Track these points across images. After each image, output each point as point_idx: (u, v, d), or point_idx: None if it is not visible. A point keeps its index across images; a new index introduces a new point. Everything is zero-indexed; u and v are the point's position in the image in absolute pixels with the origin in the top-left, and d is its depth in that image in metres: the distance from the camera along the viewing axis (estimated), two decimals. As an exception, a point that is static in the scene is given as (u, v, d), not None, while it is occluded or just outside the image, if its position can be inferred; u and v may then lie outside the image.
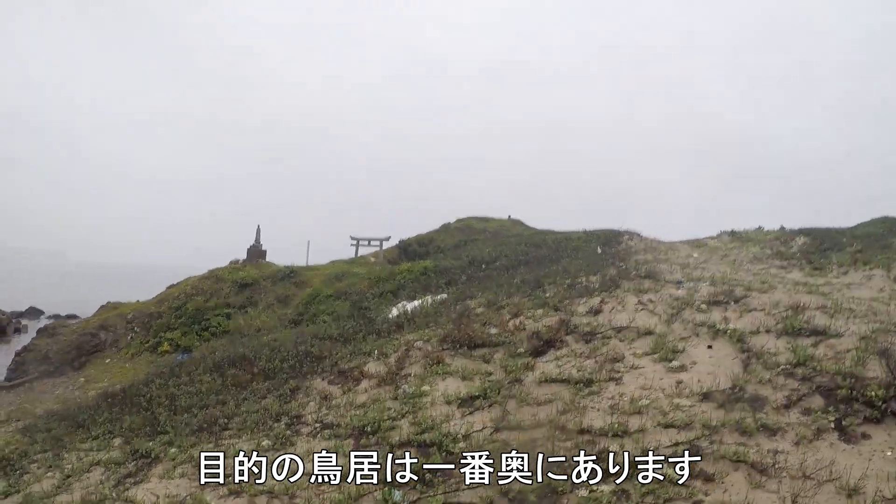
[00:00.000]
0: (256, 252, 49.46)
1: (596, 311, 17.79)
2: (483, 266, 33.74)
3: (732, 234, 37.07)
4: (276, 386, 18.21)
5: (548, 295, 20.99)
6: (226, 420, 15.70)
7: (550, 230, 47.36)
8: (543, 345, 15.50)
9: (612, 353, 14.42)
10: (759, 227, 37.45)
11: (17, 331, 60.95)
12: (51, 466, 15.46)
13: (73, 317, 63.01)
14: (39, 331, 45.60)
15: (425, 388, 14.41)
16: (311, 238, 52.25)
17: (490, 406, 12.69)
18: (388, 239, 51.24)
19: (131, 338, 39.59)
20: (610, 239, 34.85)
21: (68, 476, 14.38)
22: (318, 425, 13.97)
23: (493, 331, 17.47)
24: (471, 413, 12.55)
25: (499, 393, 13.16)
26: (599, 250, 31.39)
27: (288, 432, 13.82)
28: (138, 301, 45.65)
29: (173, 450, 14.35)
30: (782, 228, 35.17)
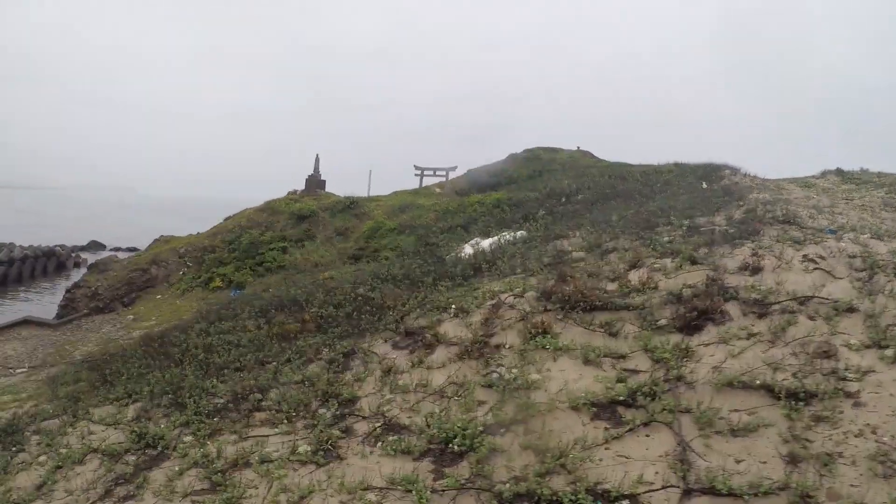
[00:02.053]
0: (315, 182, 45.93)
1: (753, 269, 13.17)
2: (563, 199, 29.70)
3: (839, 173, 32.75)
4: (328, 343, 14.74)
5: (666, 239, 16.69)
6: (259, 395, 12.23)
7: (624, 162, 43.02)
8: (697, 316, 11.16)
9: (814, 340, 9.91)
10: (863, 168, 33.54)
11: (78, 265, 59.17)
12: (49, 445, 12.25)
13: (134, 250, 60.88)
14: (90, 266, 43.02)
15: (533, 374, 10.44)
16: (372, 168, 48.12)
17: (648, 425, 8.55)
18: (454, 169, 47.49)
19: (183, 273, 36.59)
20: (709, 173, 29.72)
21: (59, 466, 11.18)
22: (378, 424, 10.23)
23: (611, 287, 13.47)
24: (619, 437, 8.41)
25: (654, 398, 9.00)
26: (705, 185, 26.68)
27: (336, 431, 10.11)
28: (191, 235, 42.64)
29: (188, 437, 11.00)
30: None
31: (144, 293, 35.99)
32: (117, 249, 68.16)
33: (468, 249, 22.45)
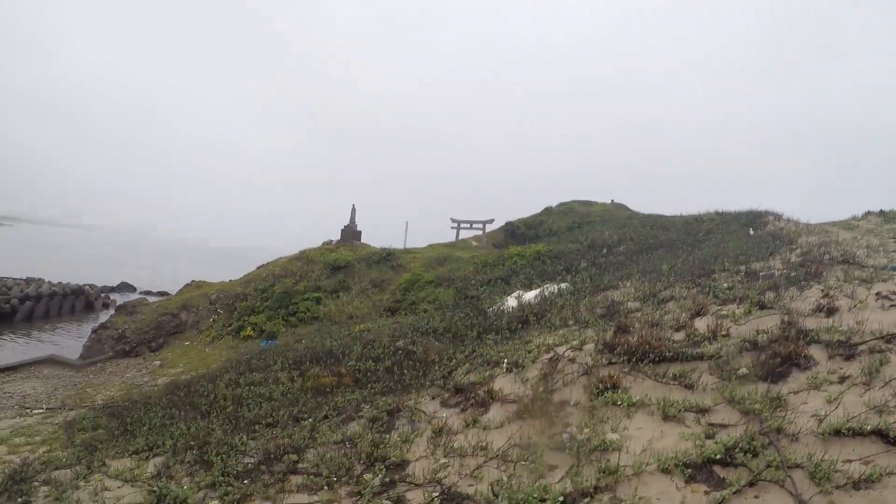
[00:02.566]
0: (351, 233, 44.89)
1: (829, 310, 12.16)
2: (604, 250, 28.70)
3: (881, 214, 32.04)
4: (368, 399, 13.50)
5: (725, 286, 15.76)
6: (295, 455, 10.79)
7: (662, 214, 41.96)
8: (780, 362, 9.98)
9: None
10: None
11: (106, 306, 58.05)
12: (58, 500, 10.92)
13: (164, 294, 60.03)
14: (118, 308, 41.94)
15: (609, 433, 9.07)
16: (408, 220, 46.96)
17: (755, 485, 7.06)
18: (491, 221, 46.22)
19: (213, 320, 35.56)
20: (752, 220, 29.28)
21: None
22: (435, 493, 8.71)
23: (677, 337, 12.23)
24: (724, 502, 6.89)
25: (755, 454, 7.59)
26: (752, 231, 26.08)
27: (387, 502, 8.66)
28: (223, 281, 41.61)
29: (214, 502, 9.60)
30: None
31: (173, 338, 34.97)
32: (148, 293, 67.20)
33: (511, 302, 21.27)
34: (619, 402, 9.91)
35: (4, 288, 51.24)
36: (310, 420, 12.67)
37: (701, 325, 12.66)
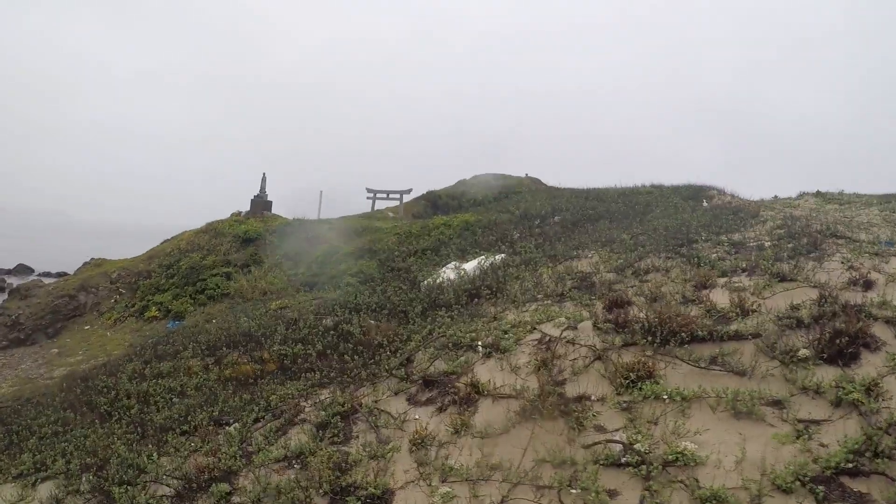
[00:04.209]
0: (261, 203, 41.69)
1: (865, 283, 10.37)
2: (537, 221, 26.69)
3: (818, 194, 30.99)
4: (305, 392, 10.98)
5: (715, 256, 14.11)
6: (226, 484, 7.99)
7: (577, 188, 40.32)
8: (848, 342, 7.89)
9: None
10: (841, 190, 31.72)
11: (2, 289, 53.62)
12: None
13: (64, 275, 55.71)
14: (11, 292, 38.02)
15: (680, 441, 6.78)
16: (322, 190, 43.90)
17: None
18: (409, 192, 43.51)
19: (115, 300, 32.15)
20: (695, 193, 28.08)
21: None
22: None
23: (693, 312, 10.01)
24: None
25: (892, 459, 5.77)
26: (706, 204, 24.76)
27: None
28: (125, 258, 37.96)
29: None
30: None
31: (72, 323, 31.44)
32: (46, 274, 62.58)
33: (449, 274, 19.03)
34: (663, 396, 7.71)
35: None
36: (236, 425, 9.99)
37: (719, 298, 10.66)
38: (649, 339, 9.05)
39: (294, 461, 8.22)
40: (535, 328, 10.93)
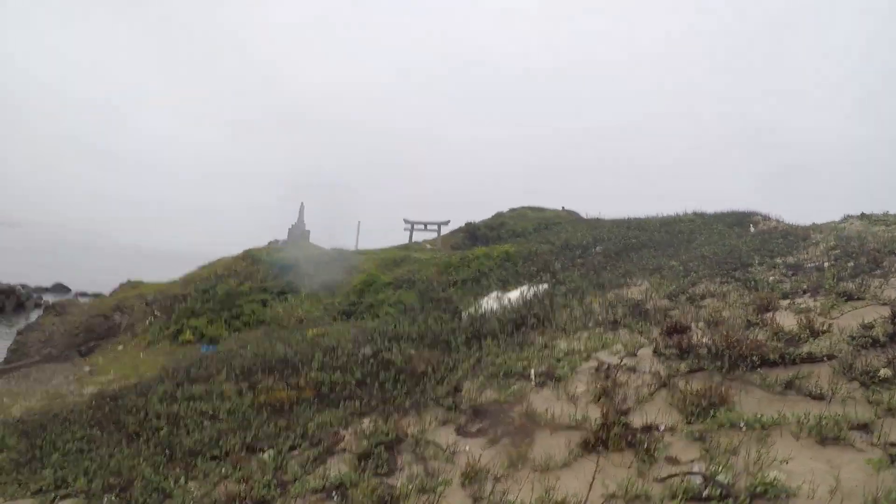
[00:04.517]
0: (299, 232, 41.44)
1: None
2: (578, 252, 25.96)
3: (863, 217, 30.05)
4: (344, 421, 10.30)
5: (772, 278, 13.62)
6: None
7: (616, 218, 39.59)
8: None
9: None
10: (886, 211, 30.68)
11: (38, 306, 53.73)
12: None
13: (99, 295, 55.78)
14: (46, 308, 37.90)
15: (766, 471, 6.00)
16: (360, 221, 43.62)
17: None
18: (447, 223, 43.18)
19: (150, 322, 31.78)
20: (740, 220, 27.60)
21: None
22: None
23: (759, 335, 9.27)
24: None
25: None
26: (753, 229, 24.25)
27: None
28: (162, 282, 37.66)
29: None
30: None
31: (105, 342, 31.14)
32: (83, 294, 62.84)
33: (491, 304, 18.41)
34: (739, 424, 6.92)
35: (-78, 288, 47.13)
36: (270, 452, 9.31)
37: (783, 321, 9.86)
38: (717, 364, 8.29)
39: (334, 492, 7.46)
40: (590, 356, 10.25)
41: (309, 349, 16.00)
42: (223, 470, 8.82)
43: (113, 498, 8.41)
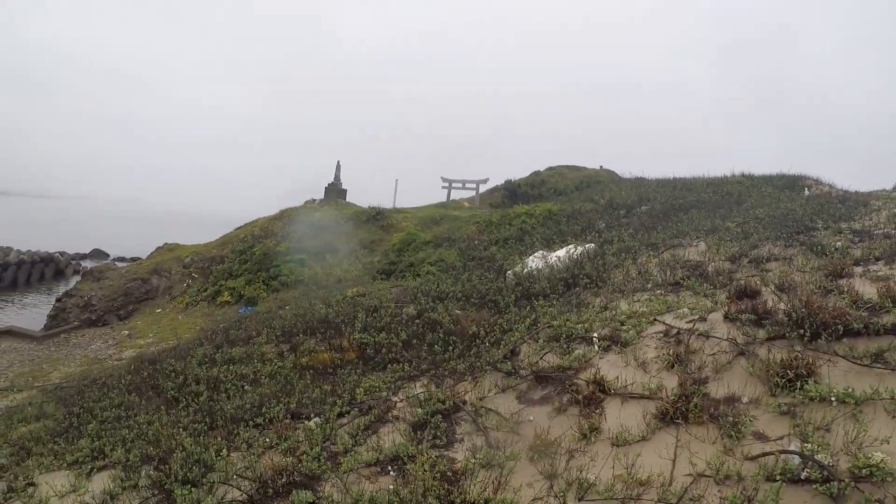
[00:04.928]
0: (335, 190, 40.74)
1: None
2: (623, 211, 24.93)
3: None
4: (390, 384, 9.62)
5: (839, 244, 12.45)
6: (308, 492, 6.45)
7: (662, 177, 38.21)
8: None
9: None
10: None
11: (77, 273, 53.75)
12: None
13: (137, 259, 55.76)
14: (84, 274, 37.66)
15: (867, 451, 5.25)
16: (395, 181, 42.64)
17: None
18: (485, 181, 42.04)
19: (187, 285, 31.47)
20: (791, 183, 26.12)
21: None
22: None
23: (839, 303, 8.28)
24: None
25: None
26: (807, 192, 22.94)
27: None
28: (198, 244, 37.25)
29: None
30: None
31: (143, 305, 30.87)
32: (121, 259, 62.83)
33: (536, 263, 17.53)
34: (830, 399, 6.12)
35: (-35, 259, 47.32)
36: (317, 419, 8.63)
37: (860, 288, 8.99)
38: (799, 332, 7.47)
39: (389, 466, 6.77)
40: (655, 320, 9.41)
41: (350, 309, 15.33)
42: (267, 439, 8.16)
43: (151, 471, 7.79)
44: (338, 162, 41.94)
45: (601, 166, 49.72)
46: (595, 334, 9.19)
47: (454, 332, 11.37)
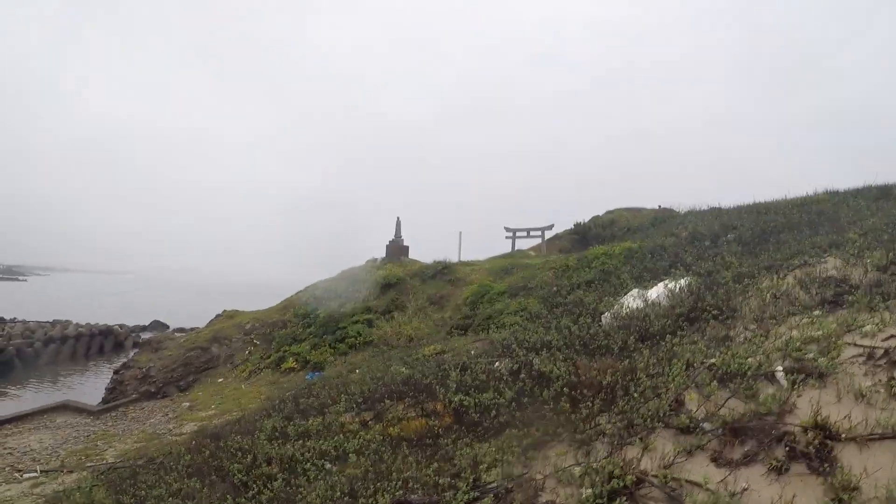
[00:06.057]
0: (397, 248, 39.05)
1: None
2: (708, 242, 22.84)
3: None
4: (520, 455, 7.43)
5: None
6: None
7: (740, 205, 36.01)
8: None
9: None
10: None
11: (136, 345, 52.77)
12: None
13: (196, 329, 54.69)
14: (141, 345, 36.22)
15: None
16: (459, 233, 41.07)
17: None
18: (550, 227, 40.03)
19: (249, 352, 29.74)
20: (884, 193, 24.30)
21: None
22: None
23: None
24: None
25: None
26: None
27: None
28: (259, 309, 35.75)
29: None
30: None
31: (204, 375, 29.21)
32: (181, 330, 61.90)
33: (632, 302, 15.50)
34: None
35: (28, 332, 46.90)
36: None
37: None
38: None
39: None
40: (840, 342, 7.31)
41: (435, 368, 13.26)
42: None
43: None
44: (398, 219, 40.32)
45: (659, 206, 47.66)
46: (780, 368, 6.96)
47: (577, 384, 9.16)
